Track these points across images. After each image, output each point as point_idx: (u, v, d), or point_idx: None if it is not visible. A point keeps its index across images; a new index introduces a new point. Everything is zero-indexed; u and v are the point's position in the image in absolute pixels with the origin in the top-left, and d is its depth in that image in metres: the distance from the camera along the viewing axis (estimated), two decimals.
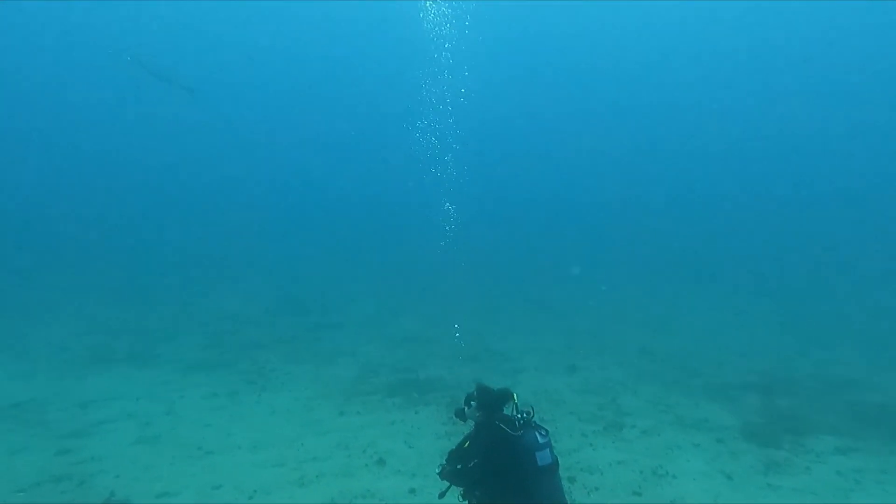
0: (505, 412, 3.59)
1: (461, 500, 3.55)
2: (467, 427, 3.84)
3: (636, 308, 17.38)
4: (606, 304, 17.48)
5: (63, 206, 32.62)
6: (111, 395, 8.82)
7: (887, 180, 36.48)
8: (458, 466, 3.52)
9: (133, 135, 44.58)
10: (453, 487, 3.60)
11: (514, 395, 3.63)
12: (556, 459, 3.43)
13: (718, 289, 20.88)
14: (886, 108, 38.92)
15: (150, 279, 19.16)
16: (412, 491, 6.15)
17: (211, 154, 46.73)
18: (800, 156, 42.37)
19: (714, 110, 45.08)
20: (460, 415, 3.80)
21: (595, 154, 45.87)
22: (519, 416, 3.50)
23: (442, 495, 3.66)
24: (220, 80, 45.60)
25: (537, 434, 3.41)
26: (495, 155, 43.97)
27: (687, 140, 45.47)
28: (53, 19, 41.10)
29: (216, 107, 43.91)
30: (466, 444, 3.54)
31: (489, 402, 3.62)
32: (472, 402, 3.71)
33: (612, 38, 44.39)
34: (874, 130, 39.26)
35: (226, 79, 47.04)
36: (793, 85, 42.18)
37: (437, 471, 3.70)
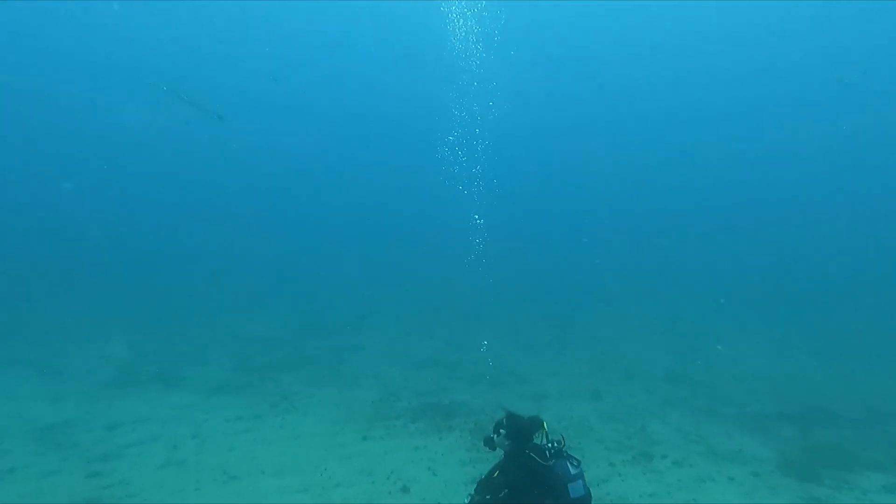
0: (535, 441, 3.54)
1: None
2: (495, 455, 3.79)
3: (661, 331, 17.02)
4: (630, 327, 17.16)
5: (93, 227, 33.52)
6: (139, 418, 8.94)
7: None
8: (488, 497, 3.47)
9: (162, 156, 45.81)
10: None
11: (544, 423, 3.58)
12: (589, 491, 3.36)
13: (746, 311, 20.32)
14: None
15: (174, 300, 19.49)
16: None
17: (235, 173, 47.44)
18: (828, 170, 41.27)
19: (744, 125, 44.31)
20: (489, 443, 3.75)
21: (621, 167, 45.47)
22: (549, 445, 3.45)
23: None
24: (237, 95, 46.78)
25: (569, 464, 3.36)
26: (521, 168, 43.63)
27: (714, 156, 44.68)
28: (79, 45, 42.97)
29: (239, 126, 44.77)
30: (496, 474, 3.50)
31: (519, 431, 3.58)
32: (502, 430, 3.68)
33: (645, 51, 44.06)
34: None
35: (244, 93, 48.13)
36: (822, 96, 41.34)
37: (465, 501, 3.65)
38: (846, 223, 34.37)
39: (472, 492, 3.61)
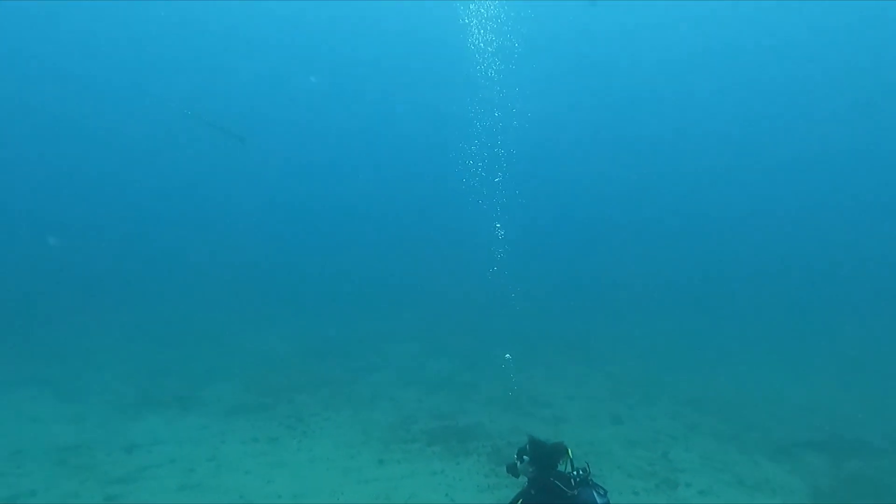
0: (559, 468, 3.46)
1: None
2: (515, 481, 3.72)
3: (679, 351, 16.69)
4: (647, 347, 16.87)
5: (109, 247, 33.88)
6: (156, 440, 8.95)
7: None
8: None
9: (178, 174, 46.28)
10: None
11: (569, 449, 3.50)
12: None
13: (766, 331, 19.83)
14: None
15: (190, 318, 19.61)
16: None
17: (250, 188, 47.31)
18: (854, 183, 40.31)
19: (768, 141, 43.48)
20: (512, 470, 3.68)
21: (643, 181, 44.87)
22: (575, 472, 3.37)
23: None
24: (255, 108, 47.11)
25: (595, 493, 3.27)
26: (539, 179, 42.88)
27: (736, 171, 43.86)
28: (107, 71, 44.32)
29: (256, 140, 44.62)
30: (519, 503, 3.41)
31: (543, 457, 3.50)
32: (525, 457, 3.60)
33: (665, 61, 43.70)
34: None
35: (261, 106, 48.31)
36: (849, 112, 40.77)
37: None
38: (875, 239, 33.45)
39: None
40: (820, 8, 36.10)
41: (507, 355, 13.00)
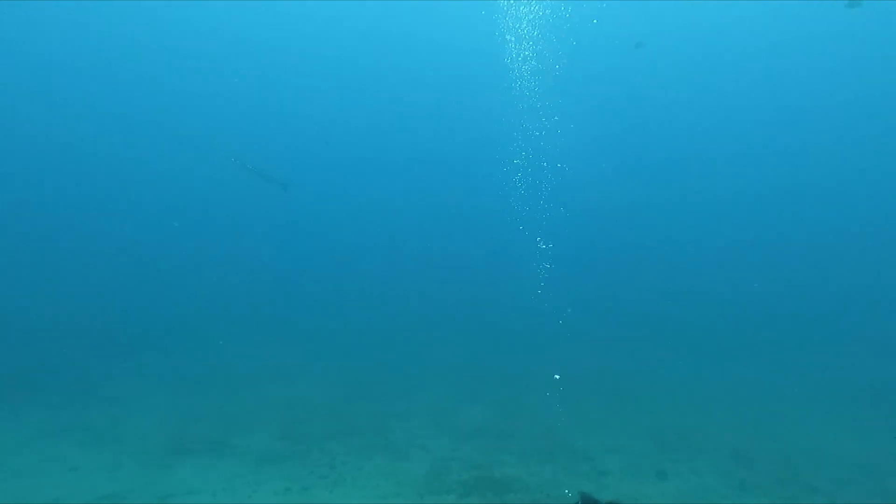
0: None
1: None
2: None
3: (722, 399, 15.90)
4: (688, 396, 16.15)
5: (143, 294, 34.51)
6: (189, 489, 8.87)
7: None
8: None
9: (209, 218, 47.24)
10: None
11: None
12: None
13: (816, 378, 18.75)
14: None
15: (223, 364, 19.73)
16: None
17: (282, 228, 47.83)
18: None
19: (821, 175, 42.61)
20: None
21: (689, 203, 43.94)
22: None
23: None
24: (290, 144, 48.30)
25: None
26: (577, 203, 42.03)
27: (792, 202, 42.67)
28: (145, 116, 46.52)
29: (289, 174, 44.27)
30: None
31: None
32: None
33: (721, 94, 43.68)
34: None
35: (288, 135, 49.21)
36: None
37: None
38: None
39: None
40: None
41: (557, 375, 12.58)
